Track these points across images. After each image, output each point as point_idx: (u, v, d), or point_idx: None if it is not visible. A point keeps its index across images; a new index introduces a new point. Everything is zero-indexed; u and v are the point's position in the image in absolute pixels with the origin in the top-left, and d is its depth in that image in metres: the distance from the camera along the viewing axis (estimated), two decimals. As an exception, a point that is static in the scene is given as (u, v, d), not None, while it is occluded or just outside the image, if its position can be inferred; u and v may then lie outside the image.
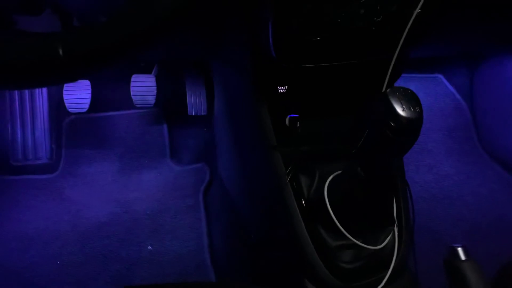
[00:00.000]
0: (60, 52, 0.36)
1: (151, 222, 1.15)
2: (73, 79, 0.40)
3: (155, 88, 1.30)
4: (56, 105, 1.29)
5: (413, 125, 0.52)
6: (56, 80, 0.39)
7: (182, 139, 1.38)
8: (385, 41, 0.67)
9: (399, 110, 0.51)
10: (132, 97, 1.28)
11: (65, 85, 1.24)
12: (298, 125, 0.75)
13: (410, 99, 0.52)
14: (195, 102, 1.36)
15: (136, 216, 1.16)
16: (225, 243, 1.08)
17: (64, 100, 1.22)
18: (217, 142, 1.23)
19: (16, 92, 1.26)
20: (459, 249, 0.65)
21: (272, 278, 0.82)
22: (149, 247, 1.10)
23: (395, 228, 0.70)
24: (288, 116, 0.75)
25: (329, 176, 0.68)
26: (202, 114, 1.37)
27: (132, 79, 1.28)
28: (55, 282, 1.00)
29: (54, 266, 1.03)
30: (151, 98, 1.30)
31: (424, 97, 1.45)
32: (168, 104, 1.39)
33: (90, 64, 0.39)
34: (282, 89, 0.72)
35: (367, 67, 0.73)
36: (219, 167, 1.20)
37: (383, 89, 0.72)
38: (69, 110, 1.24)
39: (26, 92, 1.27)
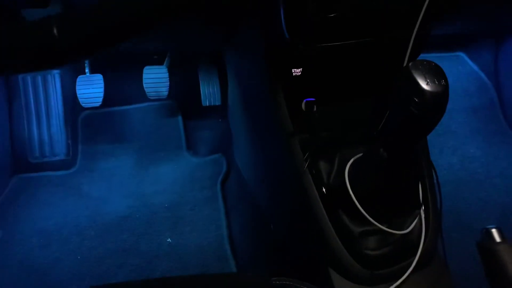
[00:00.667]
0: (55, 32, 0.34)
1: (170, 215, 1.14)
2: (69, 60, 0.39)
3: (167, 79, 1.29)
4: (71, 101, 1.29)
5: (438, 100, 0.48)
6: (53, 61, 0.38)
7: (197, 131, 1.37)
8: (403, 16, 0.63)
9: (423, 84, 0.48)
10: (145, 89, 1.27)
11: (78, 80, 1.24)
12: (315, 109, 0.72)
13: (435, 72, 0.49)
14: (208, 92, 1.35)
15: (154, 210, 1.15)
16: (245, 234, 1.06)
17: (78, 95, 1.22)
18: (233, 132, 1.22)
19: (30, 90, 1.26)
20: (494, 231, 0.62)
21: (295, 267, 0.80)
22: (169, 240, 1.09)
23: (422, 212, 0.66)
24: (304, 100, 0.72)
25: (350, 160, 0.65)
26: (216, 104, 1.35)
27: (144, 71, 1.27)
28: (76, 277, 1.00)
29: (75, 261, 1.03)
30: (164, 90, 1.28)
31: (445, 76, 1.39)
32: (182, 96, 1.38)
33: (85, 44, 0.37)
34: (297, 71, 0.69)
35: (385, 45, 0.69)
36: (236, 157, 1.19)
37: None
38: (83, 105, 1.23)
39: (41, 89, 1.27)
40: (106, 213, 1.14)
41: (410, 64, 0.50)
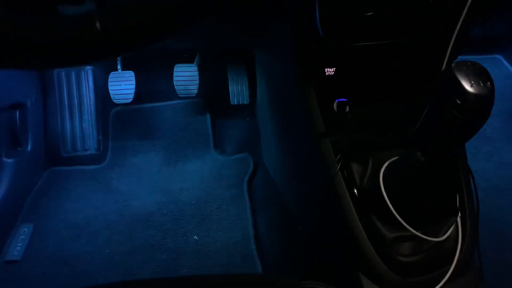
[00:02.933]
0: (98, 26, 0.35)
1: (196, 212, 1.14)
2: (111, 55, 0.39)
3: (197, 77, 1.29)
4: (102, 97, 1.31)
5: (483, 103, 0.46)
6: (94, 56, 0.38)
7: (225, 129, 1.37)
8: (444, 14, 0.61)
9: (467, 86, 0.46)
10: (175, 87, 1.28)
11: (110, 76, 1.26)
12: (347, 110, 0.71)
13: (480, 73, 0.47)
14: (237, 91, 1.35)
15: (181, 206, 1.16)
16: (271, 234, 1.05)
17: (109, 91, 1.24)
18: (261, 131, 1.21)
19: (64, 86, 1.29)
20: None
21: (323, 270, 0.78)
22: (195, 237, 1.09)
23: (458, 219, 0.64)
24: (336, 101, 0.71)
25: (384, 163, 0.63)
26: (245, 103, 1.35)
27: (175, 69, 1.28)
28: (104, 271, 1.02)
29: (103, 255, 1.05)
30: (193, 88, 1.29)
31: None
32: (211, 94, 1.38)
33: (128, 39, 0.37)
34: (330, 71, 0.68)
35: (423, 45, 0.67)
36: (264, 157, 1.18)
37: (443, 68, 0.67)
38: (114, 101, 1.25)
39: (74, 85, 1.30)
40: (134, 208, 1.15)
41: (453, 64, 0.48)
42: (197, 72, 1.30)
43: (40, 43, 0.35)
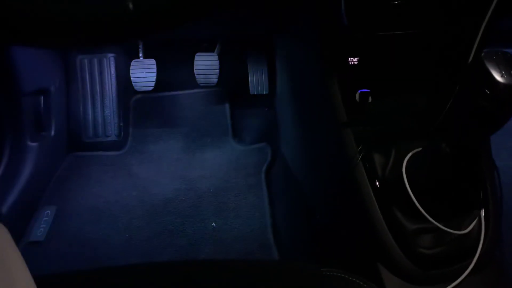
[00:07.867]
0: (130, 6, 0.35)
1: (214, 200, 1.16)
2: (142, 35, 0.39)
3: (218, 66, 1.29)
4: (124, 84, 1.33)
5: None
6: (126, 35, 0.39)
7: (244, 119, 1.37)
8: (473, 5, 0.60)
9: (497, 76, 0.45)
10: (196, 76, 1.29)
11: (132, 64, 1.27)
12: (370, 100, 0.70)
13: (510, 63, 0.46)
14: (256, 81, 1.35)
15: (200, 194, 1.17)
16: (289, 223, 1.06)
17: (131, 79, 1.25)
18: (280, 121, 1.21)
19: (87, 73, 1.31)
20: None
21: (340, 259, 0.78)
22: (213, 224, 1.10)
23: (482, 213, 0.63)
24: (359, 91, 0.70)
25: (407, 154, 0.62)
26: (264, 93, 1.35)
27: (196, 57, 1.29)
28: (124, 254, 1.03)
29: (123, 238, 1.07)
30: (214, 77, 1.29)
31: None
32: (230, 83, 1.39)
33: (159, 19, 0.37)
34: (354, 60, 0.67)
35: (450, 36, 0.65)
36: (282, 147, 1.18)
37: (470, 59, 0.65)
38: (136, 88, 1.27)
39: (96, 72, 1.31)
40: (153, 194, 1.17)
41: (483, 54, 0.47)
42: (218, 61, 1.30)
43: (73, 20, 0.35)
